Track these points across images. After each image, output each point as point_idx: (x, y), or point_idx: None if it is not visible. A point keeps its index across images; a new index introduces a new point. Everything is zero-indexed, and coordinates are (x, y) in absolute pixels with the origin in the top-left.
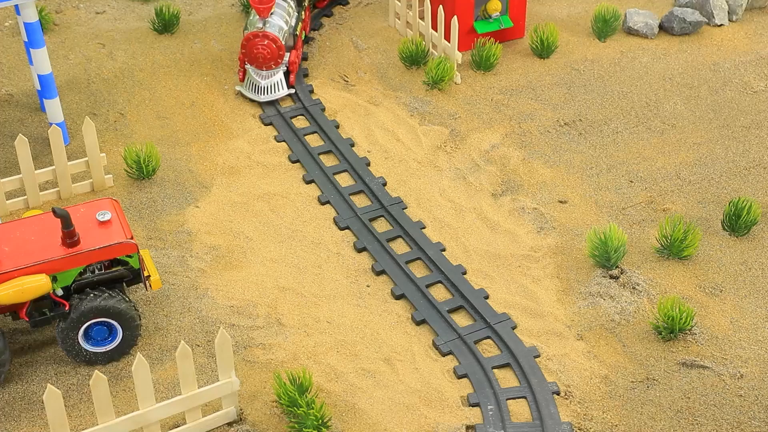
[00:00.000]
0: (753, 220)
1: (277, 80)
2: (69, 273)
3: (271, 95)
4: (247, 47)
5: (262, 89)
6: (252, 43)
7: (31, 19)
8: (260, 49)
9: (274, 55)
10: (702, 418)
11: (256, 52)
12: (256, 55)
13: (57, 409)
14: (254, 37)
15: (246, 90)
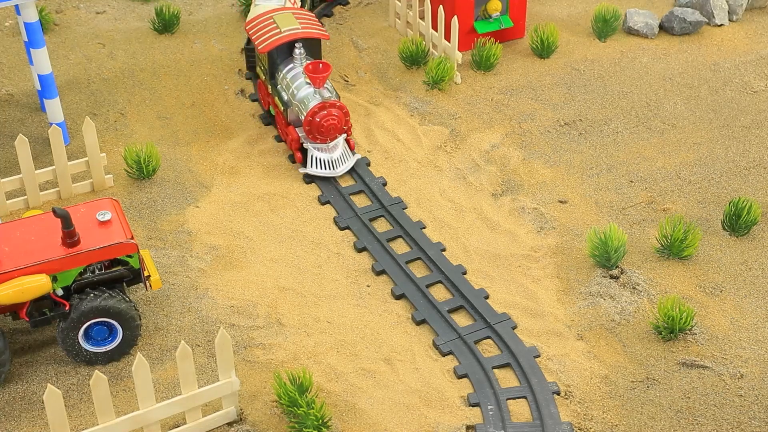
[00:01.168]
0: (753, 220)
1: (342, 144)
2: (69, 273)
3: (347, 163)
4: (314, 123)
5: (335, 162)
6: (321, 116)
7: (32, 19)
8: (331, 120)
9: (341, 122)
10: (702, 418)
11: (328, 124)
12: (327, 128)
13: (57, 409)
14: (321, 109)
15: (316, 169)
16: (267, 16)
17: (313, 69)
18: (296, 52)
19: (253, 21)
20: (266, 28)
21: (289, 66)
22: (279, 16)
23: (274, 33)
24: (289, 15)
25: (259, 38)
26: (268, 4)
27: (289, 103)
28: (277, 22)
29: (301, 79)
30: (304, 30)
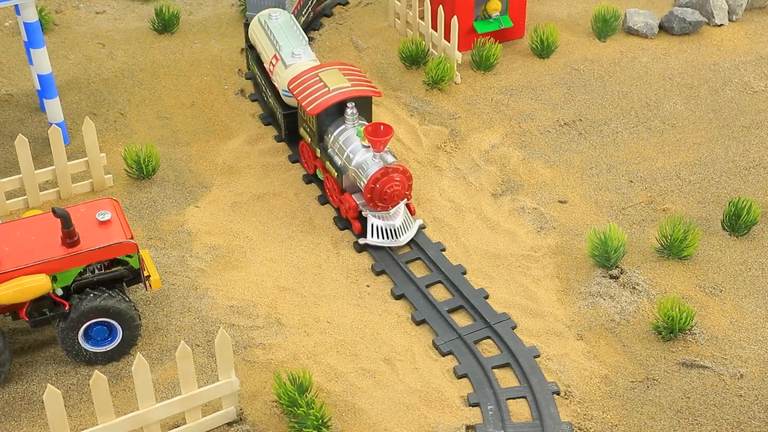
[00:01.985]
0: (753, 220)
1: (403, 210)
2: (69, 273)
3: (410, 231)
4: (376, 190)
5: (398, 230)
6: (383, 182)
7: (31, 19)
8: (394, 187)
9: (404, 188)
10: (702, 417)
11: (391, 191)
12: (390, 195)
13: (57, 409)
14: (383, 175)
15: (378, 239)
16: (311, 74)
17: (373, 132)
18: (348, 112)
19: (297, 80)
20: (312, 87)
21: (340, 127)
22: (325, 73)
23: (323, 93)
24: (336, 72)
25: (305, 99)
26: (305, 61)
27: (343, 169)
28: (324, 80)
29: (356, 142)
30: (356, 88)
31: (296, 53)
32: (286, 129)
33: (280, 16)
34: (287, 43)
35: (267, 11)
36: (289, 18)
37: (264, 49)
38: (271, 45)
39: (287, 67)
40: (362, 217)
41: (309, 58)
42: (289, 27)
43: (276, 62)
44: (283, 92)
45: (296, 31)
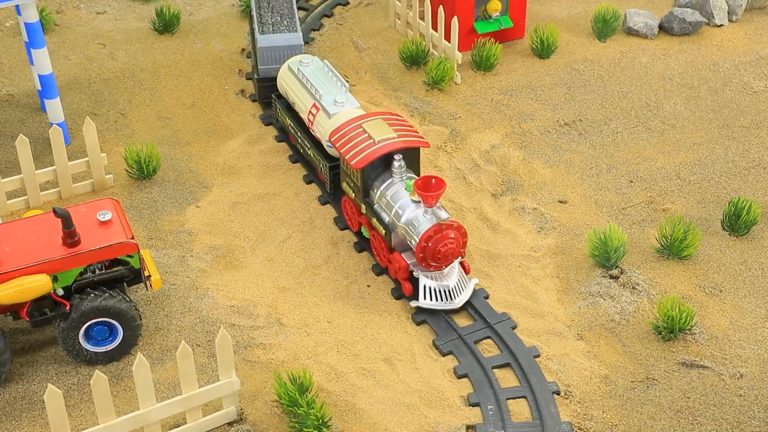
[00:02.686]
0: (753, 220)
1: (458, 269)
2: (70, 273)
3: (466, 292)
4: (429, 249)
5: (453, 291)
6: (436, 240)
7: (32, 20)
8: (449, 245)
9: (459, 245)
10: (702, 417)
11: (445, 249)
12: (445, 254)
13: (58, 408)
14: (436, 232)
15: (431, 301)
16: (354, 125)
17: (424, 186)
18: (395, 165)
19: (338, 132)
20: (356, 139)
21: (386, 182)
22: (369, 124)
23: (368, 145)
24: (380, 122)
25: (349, 152)
26: (349, 109)
27: (392, 226)
28: (368, 131)
29: (405, 196)
30: (403, 139)
31: (339, 101)
32: (332, 182)
33: (311, 61)
34: (327, 90)
35: (297, 58)
36: (322, 63)
37: (299, 98)
38: (309, 93)
39: (331, 116)
40: (413, 277)
41: (353, 105)
42: (324, 73)
43: (317, 112)
44: (327, 144)
45: (333, 77)
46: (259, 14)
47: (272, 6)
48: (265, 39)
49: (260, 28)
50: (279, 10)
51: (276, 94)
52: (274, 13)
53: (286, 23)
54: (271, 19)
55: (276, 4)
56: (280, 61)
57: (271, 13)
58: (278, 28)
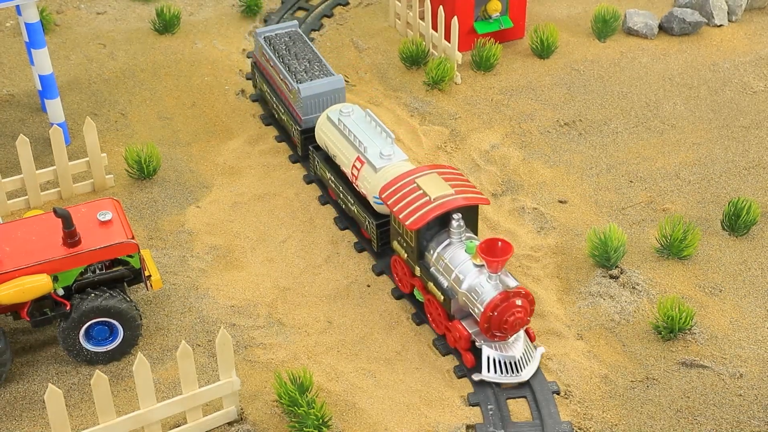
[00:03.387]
0: (752, 220)
1: (523, 338)
2: (70, 273)
3: (532, 363)
4: (495, 318)
5: (519, 363)
6: (503, 309)
7: (32, 20)
8: (516, 314)
9: (527, 314)
10: (702, 417)
11: (513, 319)
12: (512, 324)
13: (58, 408)
14: (503, 300)
15: (496, 374)
16: (407, 180)
17: (489, 250)
18: (454, 225)
19: (390, 187)
20: (410, 196)
21: (444, 243)
22: (423, 179)
23: (424, 203)
24: (436, 177)
25: (403, 211)
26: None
27: (451, 292)
28: (423, 187)
29: (466, 260)
30: (462, 196)
31: (385, 154)
32: (379, 241)
33: (352, 110)
34: (372, 142)
35: (337, 107)
36: (363, 113)
37: (341, 150)
38: (351, 145)
39: (377, 170)
40: (475, 347)
41: (401, 158)
42: (367, 123)
43: (361, 165)
44: (375, 200)
45: (377, 127)
46: (284, 64)
47: (294, 53)
48: (306, 87)
49: (294, 77)
50: (303, 56)
51: (314, 146)
52: (300, 60)
53: (317, 67)
54: (300, 67)
55: (297, 50)
56: (322, 108)
57: (297, 61)
58: (313, 74)
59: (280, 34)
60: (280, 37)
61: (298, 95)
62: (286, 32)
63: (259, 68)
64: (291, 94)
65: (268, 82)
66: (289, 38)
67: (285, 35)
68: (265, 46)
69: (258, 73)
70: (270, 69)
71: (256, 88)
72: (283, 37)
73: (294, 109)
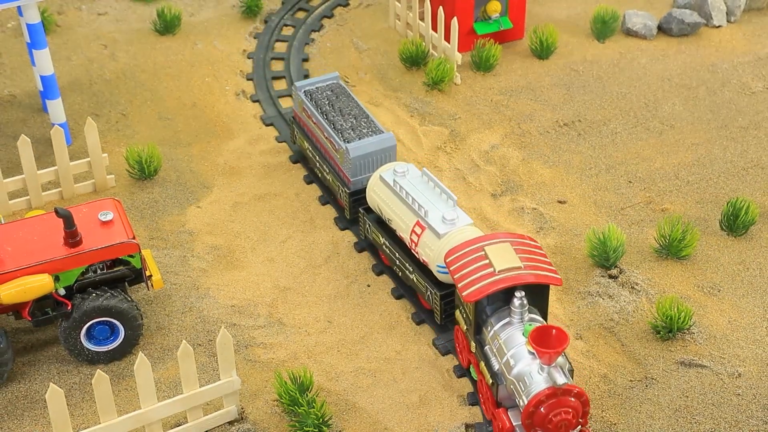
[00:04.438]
0: (751, 220)
1: None
2: (71, 273)
3: None
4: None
5: None
6: (549, 406)
7: (34, 21)
8: (563, 415)
9: (577, 417)
10: (700, 416)
11: (558, 420)
12: (556, 425)
13: (59, 407)
14: (549, 397)
15: None
16: (475, 247)
17: (541, 338)
18: (515, 303)
19: (456, 253)
20: (474, 264)
21: (504, 320)
22: (493, 248)
23: (487, 274)
24: (507, 248)
25: (462, 280)
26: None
27: (500, 377)
28: (490, 257)
29: (521, 344)
30: (530, 272)
31: (448, 218)
32: (444, 312)
33: (407, 170)
34: (433, 205)
35: (390, 166)
36: (419, 172)
37: (397, 214)
38: (410, 209)
39: (441, 237)
40: None
41: (465, 222)
42: (425, 183)
43: (422, 231)
44: (438, 268)
45: (436, 188)
46: (329, 121)
47: (339, 109)
48: (355, 147)
49: (340, 135)
50: (348, 111)
51: (364, 208)
52: (346, 116)
53: (365, 123)
54: (346, 124)
55: (341, 105)
56: (372, 167)
57: (343, 117)
58: (361, 131)
59: (321, 87)
60: (322, 91)
61: (346, 155)
62: (327, 85)
63: (299, 124)
64: (338, 154)
65: (310, 139)
66: (331, 92)
67: (326, 88)
68: (306, 101)
69: (298, 129)
70: (312, 126)
71: (295, 144)
72: (324, 90)
73: (341, 170)
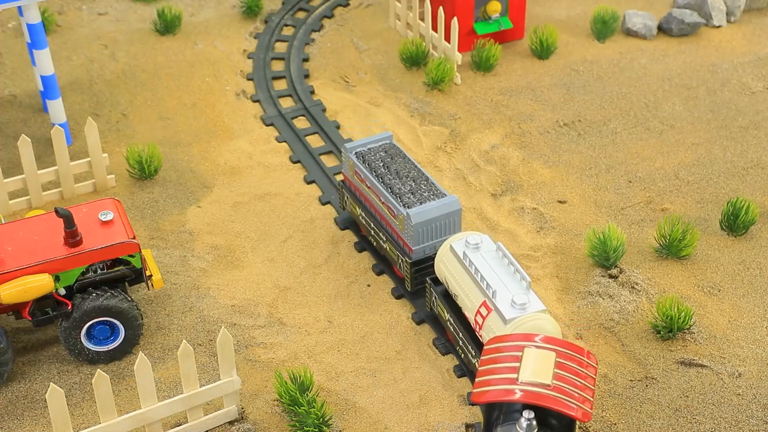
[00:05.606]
0: (751, 220)
1: None
2: (71, 272)
3: None
4: None
5: None
6: None
7: (34, 21)
8: None
9: None
10: (700, 416)
11: None
12: None
13: (59, 407)
14: None
15: None
16: (518, 344)
17: None
18: (523, 424)
19: (498, 342)
20: (504, 363)
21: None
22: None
23: (506, 379)
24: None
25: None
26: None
27: None
28: (523, 361)
29: None
30: (549, 394)
31: (518, 302)
32: None
33: (480, 242)
34: (503, 286)
35: (462, 236)
36: (494, 245)
37: (464, 291)
38: (478, 287)
39: (507, 322)
40: None
41: (536, 308)
42: (498, 259)
43: (487, 313)
44: None
45: (510, 266)
46: (385, 185)
47: (395, 171)
48: (417, 213)
49: (399, 201)
50: (406, 174)
51: (432, 278)
52: (404, 179)
53: (425, 187)
54: (405, 188)
55: (397, 167)
56: (435, 235)
57: (400, 180)
58: (422, 195)
59: (374, 148)
60: (375, 152)
61: (408, 222)
62: (380, 146)
63: (350, 188)
64: (397, 221)
65: (363, 204)
66: (385, 153)
67: (380, 149)
68: (359, 163)
69: (348, 194)
70: (365, 190)
71: (344, 209)
72: (377, 152)
73: (401, 238)
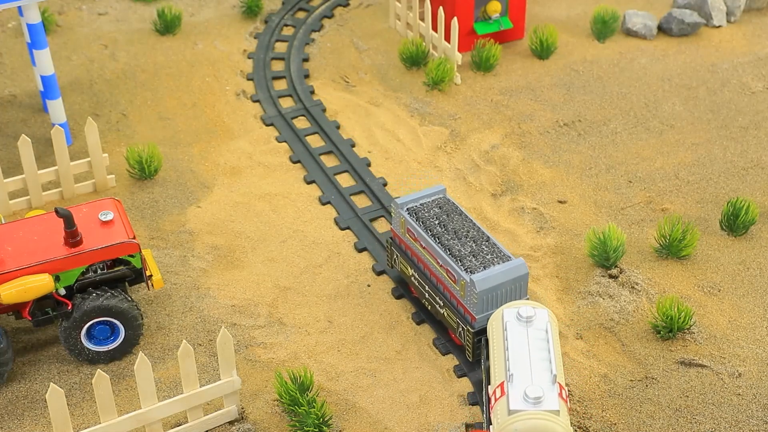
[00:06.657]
0: (751, 220)
1: None
2: (72, 272)
3: None
4: None
5: None
6: None
7: (34, 21)
8: None
9: None
10: (700, 416)
11: None
12: None
13: (60, 407)
14: None
15: None
16: None
17: None
18: None
19: None
20: None
21: None
22: None
23: None
24: None
25: None
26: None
27: None
28: None
29: None
30: None
31: (531, 395)
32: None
33: (535, 315)
34: (523, 371)
35: (517, 306)
36: (545, 323)
37: (495, 360)
38: (504, 365)
39: (510, 413)
40: None
41: (549, 406)
42: (540, 341)
43: (500, 395)
44: None
45: (546, 353)
46: (443, 246)
47: (453, 230)
48: (482, 279)
49: (460, 264)
50: (465, 233)
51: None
52: (463, 239)
53: (486, 248)
54: (465, 249)
55: (455, 225)
56: (500, 302)
57: (459, 241)
58: (484, 257)
59: (427, 204)
60: (428, 208)
61: (471, 289)
62: (433, 200)
63: (401, 247)
64: (458, 286)
65: (416, 265)
66: (439, 209)
67: (433, 205)
68: (412, 221)
69: (399, 253)
70: (419, 250)
71: (393, 268)
72: (431, 207)
73: (462, 305)
